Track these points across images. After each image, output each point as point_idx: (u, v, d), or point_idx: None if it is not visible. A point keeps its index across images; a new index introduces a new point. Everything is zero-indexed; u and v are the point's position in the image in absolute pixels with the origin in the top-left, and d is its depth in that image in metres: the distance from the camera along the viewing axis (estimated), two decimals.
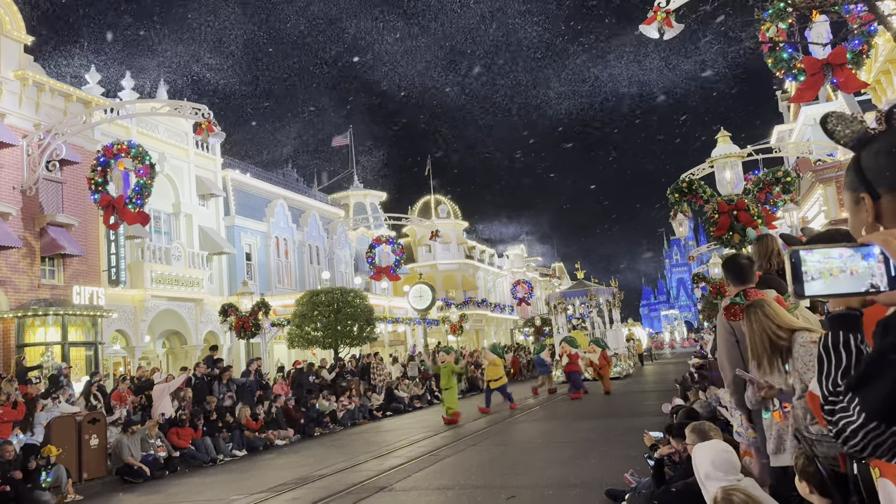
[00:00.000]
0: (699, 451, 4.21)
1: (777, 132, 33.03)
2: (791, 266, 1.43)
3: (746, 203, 11.91)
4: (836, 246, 1.42)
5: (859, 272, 1.39)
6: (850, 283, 1.40)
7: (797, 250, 1.43)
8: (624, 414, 15.62)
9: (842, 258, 1.40)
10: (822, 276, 1.40)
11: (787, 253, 1.46)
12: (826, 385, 1.48)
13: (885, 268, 1.38)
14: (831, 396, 1.46)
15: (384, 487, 9.42)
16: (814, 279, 1.41)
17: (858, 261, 1.40)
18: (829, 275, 1.40)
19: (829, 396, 1.46)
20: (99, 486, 11.96)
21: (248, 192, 30.36)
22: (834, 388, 1.46)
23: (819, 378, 1.51)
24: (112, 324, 21.21)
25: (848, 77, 11.42)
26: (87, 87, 22.04)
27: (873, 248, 1.40)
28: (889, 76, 19.77)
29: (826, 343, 1.51)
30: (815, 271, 1.41)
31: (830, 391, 1.46)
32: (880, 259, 1.39)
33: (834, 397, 1.45)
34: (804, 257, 1.42)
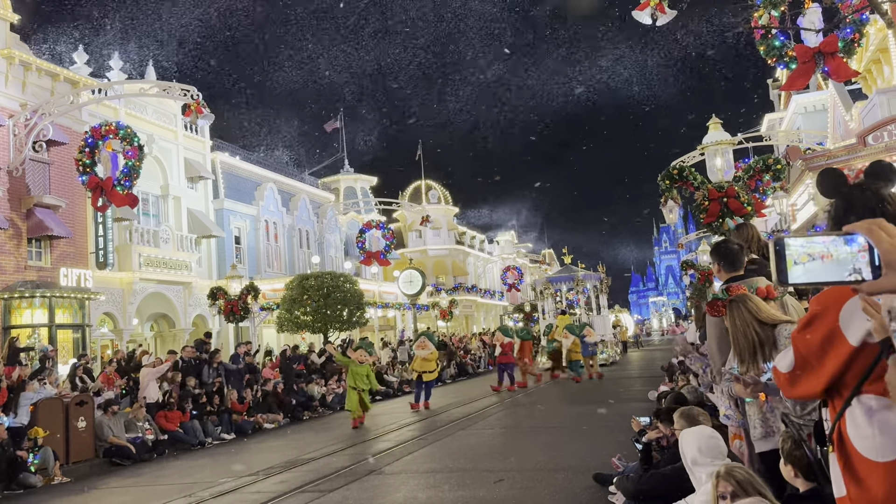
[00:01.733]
0: (686, 436, 4.23)
1: (768, 120, 33.12)
2: (775, 254, 1.42)
3: (737, 190, 11.93)
4: (823, 234, 1.41)
5: (840, 259, 1.38)
6: (832, 270, 1.38)
7: (782, 237, 1.42)
8: (611, 399, 15.72)
9: (824, 244, 1.39)
10: (802, 262, 1.39)
11: (772, 241, 1.45)
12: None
13: (870, 257, 1.37)
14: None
15: (373, 471, 9.45)
16: (796, 264, 1.40)
17: (840, 246, 1.38)
18: (811, 260, 1.39)
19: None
20: (86, 469, 11.93)
21: (237, 175, 30.17)
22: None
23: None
24: (100, 306, 21.10)
25: (839, 65, 11.43)
26: (75, 67, 21.78)
27: (857, 237, 1.39)
28: (879, 65, 19.83)
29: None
30: (797, 256, 1.40)
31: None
32: (864, 248, 1.38)
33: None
34: (787, 243, 1.41)
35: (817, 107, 26.78)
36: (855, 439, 2.00)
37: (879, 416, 1.94)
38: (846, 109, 20.22)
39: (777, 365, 2.28)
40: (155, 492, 9.69)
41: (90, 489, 10.49)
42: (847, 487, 2.03)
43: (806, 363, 2.12)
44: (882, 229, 1.36)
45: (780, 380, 2.29)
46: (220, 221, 28.19)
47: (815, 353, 2.10)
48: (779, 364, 2.27)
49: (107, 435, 12.49)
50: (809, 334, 2.12)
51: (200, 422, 14.48)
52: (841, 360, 1.99)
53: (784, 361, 2.23)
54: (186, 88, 16.69)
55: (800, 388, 2.20)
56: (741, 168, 14.96)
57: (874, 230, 1.36)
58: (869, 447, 1.95)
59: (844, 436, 2.04)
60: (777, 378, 2.30)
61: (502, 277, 46.97)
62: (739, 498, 3.14)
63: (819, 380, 2.09)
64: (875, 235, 1.36)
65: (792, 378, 2.19)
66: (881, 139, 15.16)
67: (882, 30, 17.41)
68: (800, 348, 2.16)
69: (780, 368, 2.26)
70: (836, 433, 2.08)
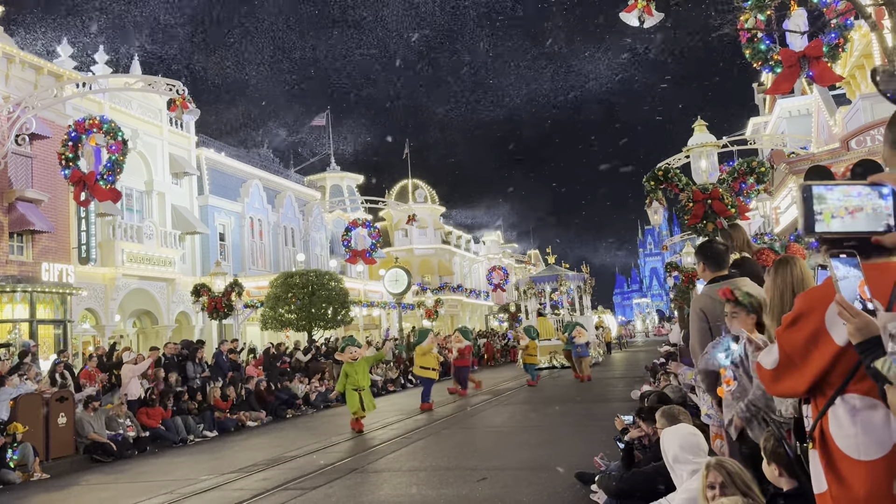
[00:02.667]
0: (667, 435, 4.24)
1: (753, 124, 33.37)
2: (803, 201, 1.38)
3: (721, 192, 12.00)
4: (854, 183, 1.38)
5: (877, 211, 1.35)
6: (868, 221, 1.36)
7: (810, 185, 1.38)
8: (594, 399, 15.78)
9: (860, 196, 1.37)
10: (840, 216, 1.36)
11: (799, 188, 1.42)
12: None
13: (893, 209, 1.35)
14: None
15: (355, 469, 9.42)
16: (833, 217, 1.37)
17: (876, 199, 1.36)
18: (848, 214, 1.36)
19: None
20: (66, 465, 11.82)
21: (222, 172, 30.01)
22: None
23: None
24: (82, 302, 20.92)
25: (823, 70, 11.52)
26: (59, 61, 21.57)
27: (883, 188, 1.37)
28: (863, 71, 20.01)
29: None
30: (835, 209, 1.36)
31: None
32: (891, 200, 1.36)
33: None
34: (823, 194, 1.37)
35: (802, 111, 27.02)
36: (837, 438, 2.01)
37: (863, 416, 1.95)
38: (830, 114, 20.42)
39: (761, 361, 2.29)
40: (135, 489, 9.61)
41: (70, 486, 10.40)
42: (829, 484, 2.04)
43: (790, 361, 2.13)
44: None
45: (763, 376, 2.30)
46: (205, 218, 28.03)
47: (799, 351, 2.11)
48: (763, 360, 2.28)
49: (87, 431, 12.38)
50: (795, 333, 2.13)
51: (182, 419, 14.38)
52: (826, 359, 2.00)
53: (769, 358, 2.24)
54: (172, 83, 16.55)
55: (783, 385, 2.21)
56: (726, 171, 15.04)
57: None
58: (851, 446, 1.96)
59: (826, 434, 2.05)
60: (761, 374, 2.31)
61: (488, 277, 47.00)
62: (728, 490, 3.15)
63: (803, 378, 2.10)
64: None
65: (776, 375, 2.20)
66: (864, 143, 15.33)
67: (866, 35, 17.58)
68: (784, 346, 2.17)
69: (764, 365, 2.27)
70: (817, 430, 2.09)
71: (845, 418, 1.98)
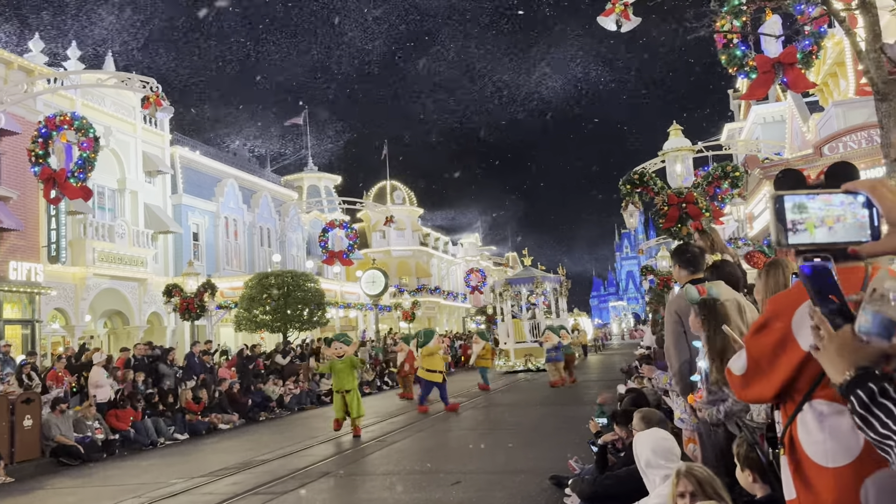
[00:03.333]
0: (640, 439, 4.22)
1: (728, 130, 33.72)
2: (775, 212, 1.33)
3: (695, 196, 12.09)
4: (834, 192, 1.33)
5: (859, 220, 1.31)
6: (849, 231, 1.31)
7: (782, 195, 1.33)
8: (570, 402, 15.79)
9: (843, 205, 1.32)
10: (827, 224, 1.31)
11: (770, 198, 1.37)
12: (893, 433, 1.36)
13: (869, 217, 1.30)
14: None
15: (328, 473, 9.32)
16: (817, 227, 1.31)
17: (858, 208, 1.31)
18: (836, 223, 1.31)
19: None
20: (31, 469, 11.55)
21: (197, 170, 29.66)
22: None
23: (881, 436, 1.40)
24: (51, 302, 20.54)
25: (797, 77, 11.65)
26: (30, 56, 21.19)
27: (859, 195, 1.32)
28: (836, 78, 20.30)
29: (863, 404, 1.41)
30: (817, 219, 1.31)
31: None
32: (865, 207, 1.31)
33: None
34: (804, 203, 1.32)
35: (776, 117, 27.35)
36: (806, 444, 1.99)
37: (830, 422, 1.93)
38: (803, 121, 20.67)
39: (731, 367, 2.27)
40: (103, 492, 9.42)
41: (35, 489, 10.16)
42: (797, 491, 2.02)
43: (758, 367, 2.12)
44: (885, 187, 1.30)
45: (733, 382, 2.28)
46: (179, 217, 27.68)
47: (767, 357, 2.09)
48: (732, 366, 2.26)
49: (54, 434, 12.12)
50: (762, 338, 2.11)
51: (153, 421, 14.15)
52: (793, 365, 1.98)
53: (737, 364, 2.22)
54: (146, 80, 16.31)
55: (752, 390, 2.19)
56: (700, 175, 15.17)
57: (877, 187, 1.30)
58: (819, 452, 1.94)
59: (795, 440, 2.03)
60: (731, 380, 2.29)
61: (466, 279, 46.99)
62: (698, 498, 3.12)
63: (771, 384, 2.08)
64: (878, 193, 1.29)
65: (745, 381, 2.19)
66: (837, 150, 15.51)
67: (839, 43, 17.83)
68: (752, 352, 2.15)
69: (733, 371, 2.25)
70: (787, 436, 2.07)
71: (813, 424, 1.96)
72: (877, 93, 6.33)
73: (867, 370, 1.45)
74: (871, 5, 6.36)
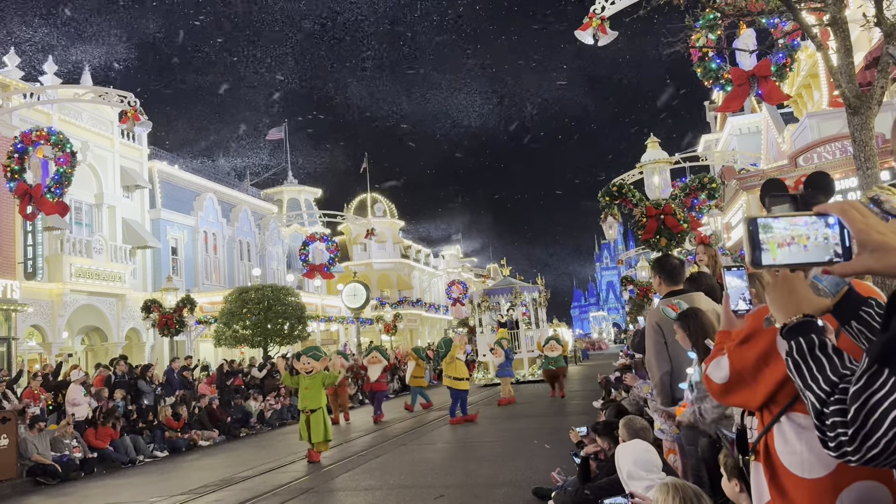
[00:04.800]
0: (621, 451, 4.24)
1: (704, 141, 34.14)
2: (748, 234, 1.37)
3: (673, 208, 12.21)
4: (800, 214, 1.38)
5: (822, 241, 1.35)
6: (815, 251, 1.35)
7: (755, 217, 1.38)
8: (551, 413, 15.81)
9: (807, 225, 1.36)
10: (786, 245, 1.35)
11: (744, 219, 1.41)
12: (818, 387, 1.38)
13: (840, 238, 1.34)
14: (831, 396, 1.35)
15: (310, 489, 9.24)
16: (780, 247, 1.35)
17: (822, 228, 1.35)
18: (795, 243, 1.35)
19: (828, 397, 1.35)
20: (7, 489, 11.35)
21: (175, 185, 29.46)
22: (831, 386, 1.36)
23: (805, 385, 1.43)
24: (27, 318, 20.25)
25: (772, 89, 11.86)
26: (6, 70, 20.99)
27: (829, 217, 1.36)
28: (810, 90, 20.65)
29: (800, 350, 1.45)
30: (781, 238, 1.35)
31: (827, 391, 1.36)
32: (837, 228, 1.36)
33: (835, 395, 1.34)
34: (769, 224, 1.36)
35: (752, 129, 27.74)
36: (782, 454, 2.02)
37: (808, 435, 1.96)
38: (778, 132, 20.99)
39: (710, 374, 2.30)
40: None
41: None
42: (772, 497, 2.06)
43: (741, 378, 2.16)
44: (855, 209, 1.34)
45: (712, 389, 2.31)
46: (157, 232, 27.45)
47: (749, 370, 2.13)
48: (712, 374, 2.29)
49: (31, 453, 11.92)
50: (746, 350, 2.15)
51: (132, 438, 13.97)
52: (777, 379, 2.02)
53: (718, 373, 2.25)
54: (123, 94, 16.21)
55: (733, 399, 2.24)
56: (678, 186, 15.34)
57: (847, 209, 1.34)
58: (796, 463, 1.98)
59: (771, 449, 2.06)
60: (709, 387, 2.32)
61: (447, 291, 46.90)
62: None
63: (755, 395, 2.13)
64: (848, 215, 1.33)
65: (725, 389, 2.23)
66: (811, 160, 15.77)
67: (812, 56, 18.14)
68: (735, 363, 2.19)
69: (713, 379, 2.28)
70: (761, 444, 2.10)
71: (791, 436, 2.00)
72: (848, 106, 6.45)
73: (812, 320, 1.48)
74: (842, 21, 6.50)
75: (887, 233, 1.30)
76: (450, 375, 15.59)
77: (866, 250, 1.31)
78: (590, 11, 11.35)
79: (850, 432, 1.26)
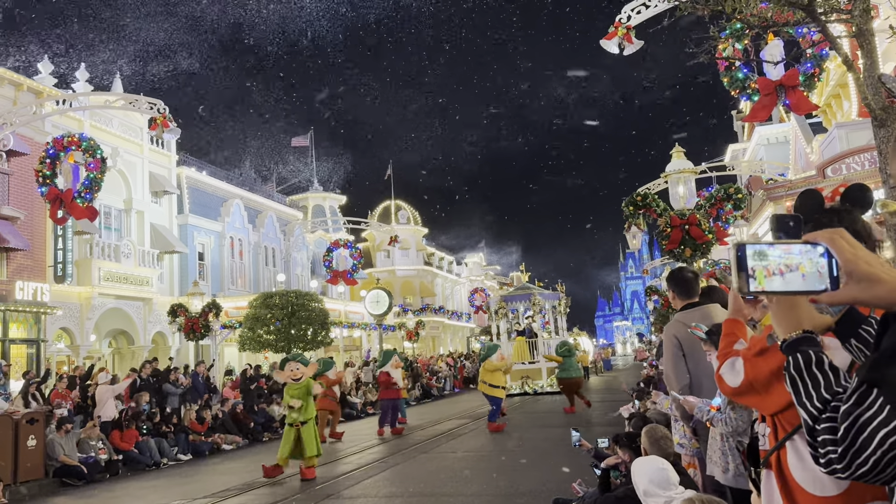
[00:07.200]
0: (637, 467, 4.22)
1: (731, 150, 33.79)
2: (736, 260, 1.38)
3: (698, 218, 12.11)
4: (793, 242, 1.38)
5: (819, 270, 1.35)
6: (811, 280, 1.36)
7: (743, 244, 1.38)
8: (574, 423, 15.71)
9: (801, 254, 1.36)
10: (778, 273, 1.35)
11: (732, 246, 1.42)
12: (811, 404, 1.40)
13: (828, 267, 1.35)
14: (823, 413, 1.36)
15: (331, 494, 9.29)
16: (774, 275, 1.36)
17: (816, 257, 1.36)
18: (789, 272, 1.35)
19: (820, 414, 1.37)
20: (35, 489, 11.55)
21: (203, 191, 29.83)
22: (824, 403, 1.37)
23: (799, 402, 1.44)
24: (56, 321, 20.60)
25: (800, 99, 11.72)
26: (39, 77, 21.44)
27: (819, 246, 1.37)
28: (839, 100, 20.38)
29: (797, 366, 1.46)
30: (775, 266, 1.36)
31: (819, 408, 1.38)
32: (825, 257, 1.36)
33: (826, 413, 1.35)
34: (764, 251, 1.37)
35: (780, 139, 27.41)
36: (795, 470, 2.02)
37: None
38: (807, 142, 20.73)
39: (723, 375, 2.32)
40: None
41: None
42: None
43: (752, 388, 2.20)
44: (843, 238, 1.35)
45: (724, 390, 2.35)
46: (184, 237, 27.80)
47: (762, 382, 2.15)
48: (726, 376, 2.32)
49: (58, 454, 12.12)
50: (761, 362, 2.17)
51: (156, 441, 14.14)
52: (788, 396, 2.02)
53: (733, 378, 2.28)
54: (153, 101, 16.48)
55: (745, 401, 2.31)
56: (703, 196, 15.21)
57: (835, 239, 1.34)
58: (808, 479, 1.98)
59: (784, 463, 2.07)
60: (721, 387, 2.35)
61: (470, 299, 46.92)
62: None
63: (765, 405, 2.17)
64: (836, 245, 1.34)
65: (737, 393, 2.28)
66: (840, 171, 15.55)
67: (841, 66, 17.91)
68: (749, 373, 2.21)
69: (727, 381, 2.31)
70: (774, 457, 2.11)
71: (805, 452, 2.00)
72: (874, 119, 6.38)
73: (812, 335, 1.49)
74: (868, 32, 6.43)
75: (875, 264, 1.31)
76: (488, 383, 15.51)
77: (853, 280, 1.31)
78: (615, 21, 11.34)
79: (840, 450, 1.27)
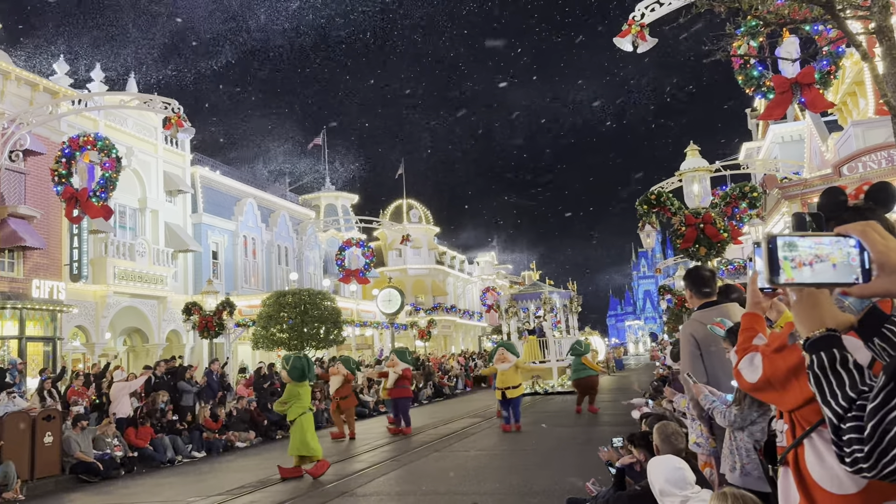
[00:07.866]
0: (653, 466, 4.21)
1: (745, 149, 33.57)
2: (768, 252, 1.38)
3: (713, 216, 12.04)
4: (822, 234, 1.38)
5: (850, 262, 1.35)
6: (837, 272, 1.35)
7: (775, 236, 1.38)
8: (587, 423, 15.68)
9: (831, 245, 1.36)
10: (809, 264, 1.35)
11: (764, 238, 1.42)
12: (836, 403, 1.39)
13: (860, 259, 1.34)
14: (849, 412, 1.36)
15: (345, 492, 9.32)
16: (804, 265, 1.36)
17: (848, 248, 1.36)
18: (819, 262, 1.35)
19: (846, 413, 1.37)
20: (51, 485, 11.66)
21: (216, 190, 29.98)
22: (849, 402, 1.37)
23: (824, 400, 1.44)
24: (72, 319, 20.77)
25: (815, 97, 11.63)
26: (55, 78, 21.61)
27: (850, 239, 1.36)
28: (855, 98, 20.21)
29: (821, 365, 1.45)
30: (806, 257, 1.36)
31: (845, 406, 1.37)
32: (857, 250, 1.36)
33: (852, 411, 1.35)
34: (795, 242, 1.37)
35: (794, 137, 27.21)
36: (813, 468, 2.01)
37: None
38: (822, 140, 20.56)
39: (742, 371, 2.32)
40: None
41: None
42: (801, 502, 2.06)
43: (769, 384, 2.20)
44: (875, 231, 1.34)
45: (742, 386, 2.36)
46: (198, 236, 27.95)
47: (780, 379, 2.15)
48: (744, 371, 2.31)
49: (74, 450, 12.23)
50: (779, 359, 2.17)
51: (171, 439, 14.23)
52: (805, 395, 2.02)
53: (751, 374, 2.27)
54: (168, 101, 16.56)
55: (762, 398, 2.32)
56: (718, 195, 15.12)
57: (867, 231, 1.34)
58: (826, 477, 1.97)
59: (801, 461, 2.06)
60: (740, 382, 2.35)
61: (482, 298, 46.88)
62: None
63: (784, 401, 2.17)
64: (868, 237, 1.33)
65: (755, 389, 2.29)
66: (856, 170, 15.42)
67: (857, 63, 17.76)
68: (767, 369, 2.21)
69: (745, 377, 2.31)
70: (791, 454, 2.10)
71: (823, 451, 2.00)
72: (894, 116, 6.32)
73: (835, 334, 1.48)
74: (888, 29, 6.37)
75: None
76: (503, 385, 15.08)
77: (885, 272, 1.30)
78: (629, 18, 11.29)
79: (867, 449, 1.26)
